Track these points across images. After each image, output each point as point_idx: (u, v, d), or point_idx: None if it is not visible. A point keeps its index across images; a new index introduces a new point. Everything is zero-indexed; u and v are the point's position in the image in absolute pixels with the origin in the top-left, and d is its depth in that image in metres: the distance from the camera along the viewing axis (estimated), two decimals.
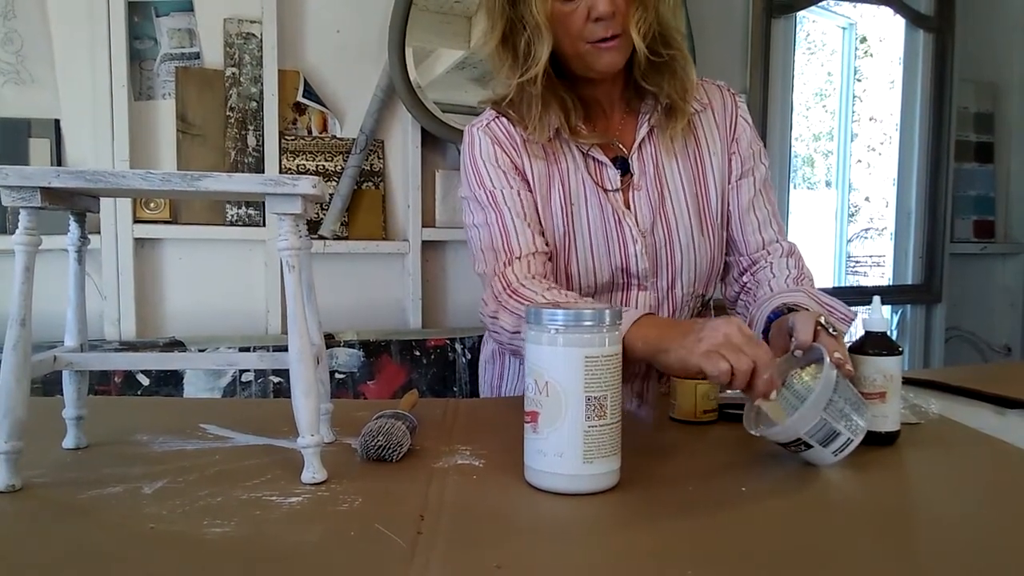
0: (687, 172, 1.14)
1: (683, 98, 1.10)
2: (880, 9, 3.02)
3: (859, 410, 0.80)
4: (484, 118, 1.15)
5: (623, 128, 1.15)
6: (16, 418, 0.70)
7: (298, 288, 0.75)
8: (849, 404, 0.79)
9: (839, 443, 0.79)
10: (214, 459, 0.82)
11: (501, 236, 1.07)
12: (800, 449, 0.80)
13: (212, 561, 0.57)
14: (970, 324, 3.14)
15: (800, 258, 1.16)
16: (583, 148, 1.11)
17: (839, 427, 0.78)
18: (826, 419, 0.77)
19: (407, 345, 2.10)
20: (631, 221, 1.10)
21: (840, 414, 0.78)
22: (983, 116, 3.10)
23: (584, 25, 1.01)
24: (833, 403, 0.78)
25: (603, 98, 1.14)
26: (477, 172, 1.11)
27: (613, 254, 1.11)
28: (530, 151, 1.11)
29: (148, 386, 1.88)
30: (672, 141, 1.13)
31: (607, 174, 1.12)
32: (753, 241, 1.16)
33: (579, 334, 0.70)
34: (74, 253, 0.83)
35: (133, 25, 1.97)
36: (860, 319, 0.96)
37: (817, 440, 0.78)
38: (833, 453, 0.79)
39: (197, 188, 0.72)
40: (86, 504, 0.69)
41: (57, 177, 0.70)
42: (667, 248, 1.12)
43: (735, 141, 1.17)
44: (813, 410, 0.77)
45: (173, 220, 2.01)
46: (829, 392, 0.77)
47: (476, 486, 0.75)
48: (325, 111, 2.13)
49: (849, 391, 0.80)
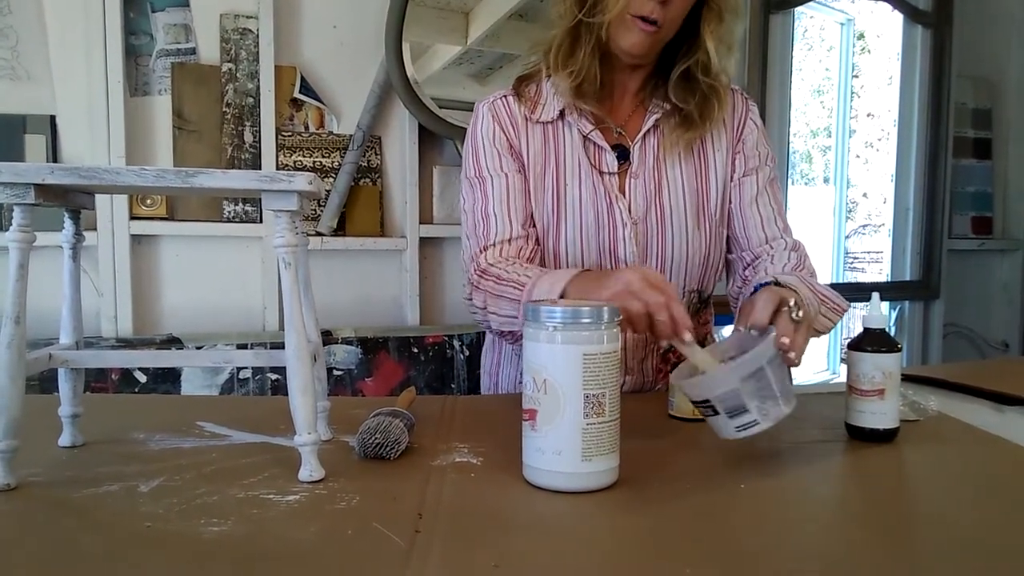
0: (688, 167, 1.14)
1: (705, 119, 1.11)
2: (878, 5, 3.02)
3: (782, 398, 0.78)
4: (494, 95, 1.17)
5: (630, 119, 1.16)
6: (11, 416, 0.70)
7: (294, 285, 0.75)
8: (774, 388, 0.77)
9: (744, 420, 0.77)
10: (211, 457, 0.81)
11: (482, 223, 1.11)
12: (708, 412, 0.79)
13: (209, 560, 0.57)
14: (968, 320, 3.14)
15: (805, 255, 1.15)
16: (584, 131, 1.12)
17: (750, 404, 0.76)
18: (740, 391, 0.76)
19: (405, 342, 2.09)
20: (623, 205, 1.11)
21: (757, 393, 0.76)
22: (981, 112, 3.10)
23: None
24: (756, 378, 0.76)
25: (619, 84, 1.15)
26: (475, 150, 1.15)
27: (602, 236, 1.12)
28: (529, 131, 1.13)
29: (145, 383, 1.87)
30: (677, 142, 1.13)
31: (605, 158, 1.13)
32: (756, 236, 1.16)
33: (577, 331, 0.70)
34: (69, 250, 0.83)
35: (129, 20, 1.96)
36: (859, 316, 0.96)
37: (724, 408, 0.77)
38: (736, 428, 0.77)
39: (192, 185, 0.72)
40: (82, 503, 0.68)
41: (51, 174, 0.69)
42: (659, 238, 1.13)
43: (741, 141, 1.18)
44: (731, 376, 0.76)
45: (170, 217, 2.00)
46: (755, 365, 0.76)
47: (474, 484, 0.74)
48: (322, 107, 2.12)
49: (782, 377, 0.78)
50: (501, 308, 1.02)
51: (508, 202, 1.11)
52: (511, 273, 1.02)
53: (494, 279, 1.04)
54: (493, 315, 1.04)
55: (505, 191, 1.11)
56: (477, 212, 1.12)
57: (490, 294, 1.04)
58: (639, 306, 0.83)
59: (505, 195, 1.11)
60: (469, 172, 1.15)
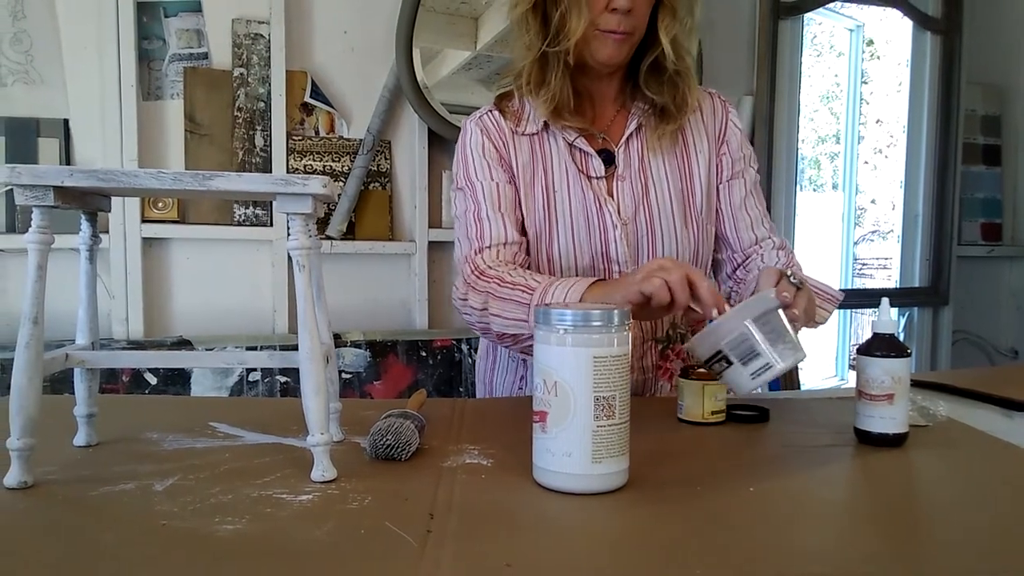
0: (672, 168, 1.17)
1: (680, 107, 1.15)
2: (887, 11, 3.02)
3: (790, 344, 0.81)
4: (479, 112, 1.20)
5: (612, 124, 1.19)
6: (28, 416, 0.71)
7: (308, 287, 0.75)
8: (778, 334, 0.81)
9: (758, 365, 0.80)
10: (224, 457, 0.82)
11: (476, 226, 1.13)
12: (721, 367, 0.82)
13: (225, 557, 0.57)
14: (977, 327, 3.13)
15: (791, 252, 1.20)
16: (569, 139, 1.15)
17: (761, 347, 0.80)
18: (750, 333, 0.79)
19: (413, 345, 2.10)
20: (612, 208, 1.14)
21: (766, 337, 0.80)
22: (990, 119, 3.09)
23: (600, 12, 1.05)
24: (763, 322, 0.80)
25: (596, 92, 1.18)
26: (465, 162, 1.17)
27: (594, 238, 1.14)
28: (516, 143, 1.16)
29: (155, 385, 1.88)
30: (660, 140, 1.16)
31: (592, 163, 1.16)
32: (746, 238, 1.20)
33: (588, 334, 0.71)
34: (86, 252, 0.84)
35: (142, 25, 1.98)
36: (867, 321, 0.97)
37: (737, 355, 0.80)
38: (751, 375, 0.80)
39: (208, 187, 0.72)
40: (98, 501, 0.69)
41: (70, 176, 0.70)
42: (648, 236, 1.15)
43: (725, 143, 1.21)
44: (736, 319, 0.80)
45: (181, 220, 2.02)
46: (758, 309, 0.80)
47: (485, 485, 0.75)
48: (332, 111, 2.14)
49: (785, 327, 0.82)
50: (507, 311, 1.02)
51: (501, 207, 1.13)
52: (516, 277, 1.03)
53: (496, 281, 1.04)
54: (496, 317, 1.04)
55: (497, 197, 1.13)
56: (470, 216, 1.14)
57: (492, 296, 1.04)
58: (678, 274, 0.86)
59: (497, 201, 1.13)
60: (460, 182, 1.17)
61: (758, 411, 1.02)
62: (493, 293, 1.04)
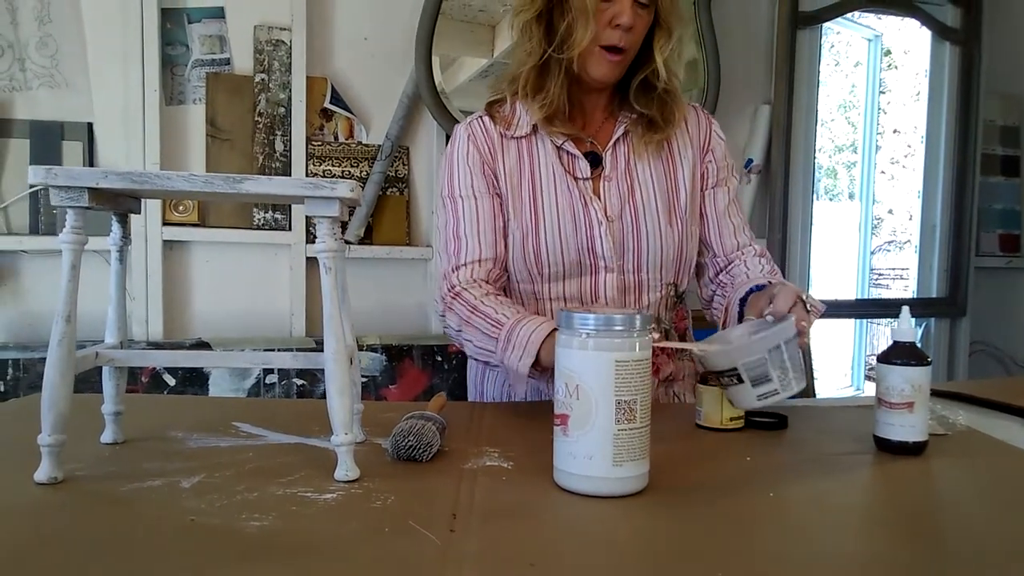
0: (658, 170, 1.21)
1: (668, 120, 1.19)
2: (906, 21, 3.01)
3: (798, 374, 0.86)
4: (470, 118, 1.24)
5: (600, 130, 1.23)
6: (59, 412, 0.72)
7: (334, 290, 0.77)
8: (791, 363, 0.86)
9: (767, 388, 0.85)
10: (248, 456, 0.83)
11: (454, 243, 1.18)
12: (731, 382, 0.87)
13: (253, 552, 0.59)
14: (994, 338, 3.11)
15: (771, 260, 1.25)
16: (557, 143, 1.18)
17: (773, 374, 0.85)
18: (767, 360, 0.84)
19: (429, 350, 2.11)
20: (597, 206, 1.17)
21: (780, 365, 0.85)
22: (1009, 129, 3.08)
23: (603, 28, 1.09)
24: (779, 352, 0.85)
25: (588, 103, 1.22)
26: (449, 170, 1.21)
27: (580, 235, 1.17)
28: (505, 146, 1.20)
29: (174, 386, 1.90)
30: (646, 146, 1.20)
31: (578, 165, 1.19)
32: (729, 243, 1.25)
33: (609, 338, 0.71)
34: (116, 253, 0.85)
35: (166, 31, 2.01)
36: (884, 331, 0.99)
37: (750, 377, 0.86)
38: (758, 397, 0.86)
39: (239, 190, 0.74)
40: (127, 496, 0.70)
41: (104, 178, 0.72)
42: (634, 234, 1.18)
43: (710, 151, 1.26)
44: (760, 344, 0.85)
45: (201, 223, 2.04)
46: (780, 339, 0.85)
47: (506, 487, 0.75)
48: (352, 117, 2.16)
49: (798, 357, 0.87)
50: (476, 339, 1.08)
51: (478, 224, 1.17)
52: (486, 306, 1.08)
53: (468, 306, 1.10)
54: (468, 342, 1.11)
55: (475, 214, 1.17)
56: (449, 232, 1.19)
57: (463, 320, 1.10)
58: None
59: (475, 218, 1.17)
60: (444, 191, 1.21)
61: (777, 418, 1.02)
62: (463, 317, 1.10)
